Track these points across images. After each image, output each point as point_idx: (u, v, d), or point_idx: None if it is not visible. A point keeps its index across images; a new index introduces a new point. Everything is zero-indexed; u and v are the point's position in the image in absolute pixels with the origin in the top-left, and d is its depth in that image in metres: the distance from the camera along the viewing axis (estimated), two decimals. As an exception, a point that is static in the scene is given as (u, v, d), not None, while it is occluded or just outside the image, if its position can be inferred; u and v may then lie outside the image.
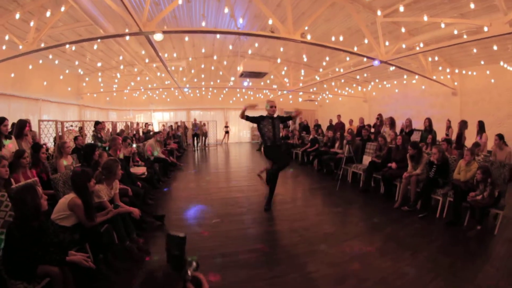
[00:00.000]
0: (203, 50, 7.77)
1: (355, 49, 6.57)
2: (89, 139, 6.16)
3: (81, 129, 6.26)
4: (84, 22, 5.75)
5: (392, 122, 7.08)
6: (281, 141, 4.95)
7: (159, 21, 4.70)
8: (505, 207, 3.98)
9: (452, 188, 4.39)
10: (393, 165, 5.41)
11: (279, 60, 8.68)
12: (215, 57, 8.63)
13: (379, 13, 5.50)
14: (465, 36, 5.42)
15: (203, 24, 5.64)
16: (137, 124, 11.23)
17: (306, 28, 5.44)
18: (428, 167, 4.75)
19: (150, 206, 4.66)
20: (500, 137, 5.15)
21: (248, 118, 4.62)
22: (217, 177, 7.38)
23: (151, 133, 9.06)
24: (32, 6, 5.15)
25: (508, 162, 4.59)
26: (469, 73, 8.71)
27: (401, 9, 4.99)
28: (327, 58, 7.63)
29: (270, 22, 5.28)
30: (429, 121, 6.58)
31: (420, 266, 2.98)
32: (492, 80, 8.24)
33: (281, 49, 7.49)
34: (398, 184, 5.29)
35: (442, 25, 5.29)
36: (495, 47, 6.17)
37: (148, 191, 4.86)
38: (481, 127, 5.98)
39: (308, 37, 5.43)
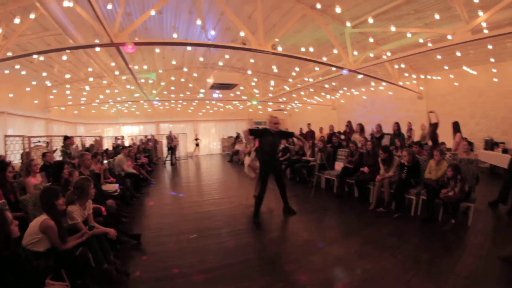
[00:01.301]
0: (173, 62, 7.65)
1: (324, 59, 6.82)
2: (58, 155, 5.72)
3: (48, 144, 5.80)
4: (53, 31, 5.49)
5: (361, 128, 7.37)
6: (278, 157, 5.01)
7: (131, 32, 4.59)
8: (476, 200, 4.27)
9: (424, 187, 4.62)
10: (365, 169, 5.58)
11: (249, 72, 8.78)
12: (185, 69, 8.50)
13: (348, 24, 5.78)
14: (429, 44, 5.84)
15: (175, 36, 5.58)
16: (119, 138, 10.58)
17: (277, 40, 5.58)
18: (400, 169, 4.97)
19: (125, 224, 4.37)
20: (469, 143, 5.50)
21: (252, 133, 4.73)
22: (190, 191, 7.14)
23: (120, 147, 8.65)
24: (1, 11, 4.80)
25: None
26: (434, 78, 9.38)
27: (370, 20, 5.28)
28: (297, 69, 7.84)
29: (242, 34, 5.34)
30: (397, 125, 6.94)
31: (401, 263, 3.07)
32: (456, 83, 8.92)
33: (252, 60, 7.58)
34: (371, 187, 5.47)
35: (409, 35, 5.63)
36: (458, 53, 6.66)
37: (122, 208, 4.62)
38: (455, 127, 6.39)
39: (279, 48, 5.56)
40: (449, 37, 5.14)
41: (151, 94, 9.25)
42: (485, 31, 4.85)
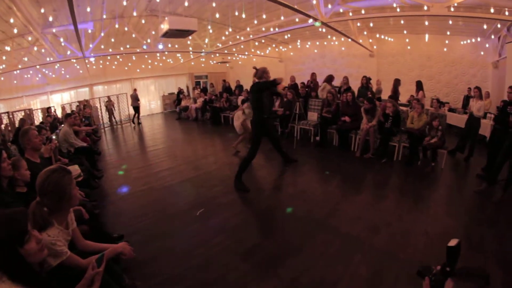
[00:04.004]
0: (124, 3, 5.97)
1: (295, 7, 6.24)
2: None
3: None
4: None
5: (330, 79, 7.39)
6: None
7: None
8: (448, 147, 4.86)
9: (407, 135, 4.92)
10: (347, 118, 5.70)
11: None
12: (134, 14, 6.80)
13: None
14: (398, 10, 6.07)
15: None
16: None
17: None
18: (384, 119, 5.12)
19: (98, 217, 3.06)
20: (438, 101, 5.94)
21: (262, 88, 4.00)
22: (157, 157, 6.17)
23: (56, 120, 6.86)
24: None
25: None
26: (387, 38, 9.84)
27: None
28: (264, 16, 7.11)
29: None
30: (366, 79, 7.10)
31: (398, 197, 3.81)
32: (408, 47, 9.64)
33: (214, 4, 6.49)
34: (353, 136, 5.73)
35: None
36: (426, 22, 7.03)
37: (90, 197, 3.37)
38: (418, 85, 6.91)
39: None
40: (425, 7, 5.32)
41: (87, 48, 7.28)
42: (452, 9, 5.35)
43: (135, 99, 11.41)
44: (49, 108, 8.73)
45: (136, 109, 11.48)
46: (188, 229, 3.04)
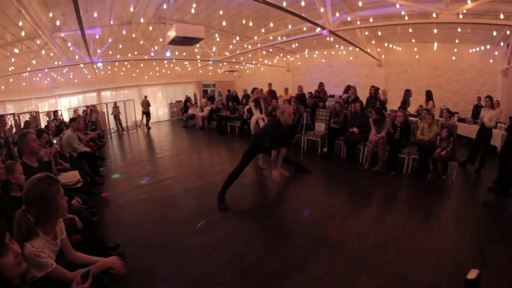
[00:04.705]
0: (131, 9, 6.03)
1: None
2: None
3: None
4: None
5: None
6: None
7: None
8: (458, 159, 4.68)
9: (418, 147, 4.75)
10: (355, 129, 5.55)
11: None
12: (142, 20, 6.85)
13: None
14: (406, 18, 6.02)
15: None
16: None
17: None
18: (393, 130, 4.97)
19: (95, 225, 2.86)
20: (448, 111, 5.79)
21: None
22: (161, 165, 6.09)
23: (62, 123, 6.88)
24: None
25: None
26: (395, 47, 9.75)
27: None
28: (272, 25, 7.09)
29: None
30: (374, 89, 6.97)
31: (410, 213, 3.56)
32: (417, 56, 9.47)
33: (221, 12, 6.51)
34: (361, 147, 5.56)
35: (398, 6, 5.43)
36: (435, 30, 6.86)
37: (88, 204, 3.24)
38: (428, 95, 6.71)
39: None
40: (434, 15, 5.23)
41: (95, 54, 7.36)
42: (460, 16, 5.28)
43: (147, 105, 12.16)
44: (55, 111, 8.79)
45: (148, 114, 12.22)
46: (186, 242, 2.91)
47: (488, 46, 8.15)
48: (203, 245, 2.85)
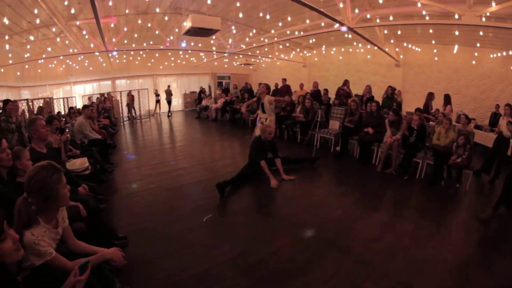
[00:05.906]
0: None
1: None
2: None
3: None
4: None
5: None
6: None
7: None
8: (473, 167, 4.47)
9: (433, 152, 4.57)
10: (370, 130, 5.40)
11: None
12: (157, 10, 6.81)
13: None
14: (427, 18, 5.82)
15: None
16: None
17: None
18: (409, 132, 4.80)
19: (102, 213, 3.06)
20: (467, 117, 5.55)
21: None
22: (172, 155, 6.15)
23: (72, 110, 6.96)
24: None
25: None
26: (414, 48, 9.39)
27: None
28: (289, 19, 6.94)
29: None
30: (391, 89, 6.75)
31: (419, 219, 3.47)
32: (436, 58, 9.11)
33: (238, 4, 6.40)
34: (375, 148, 5.41)
35: (419, 4, 5.23)
36: (456, 32, 6.62)
37: (96, 191, 3.30)
38: (446, 99, 6.41)
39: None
40: (456, 16, 4.99)
41: (110, 42, 7.42)
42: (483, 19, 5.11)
43: (169, 94, 12.93)
44: (71, 108, 8.84)
45: (169, 102, 13.01)
46: (191, 235, 2.90)
47: (510, 52, 7.72)
48: (208, 239, 2.84)
